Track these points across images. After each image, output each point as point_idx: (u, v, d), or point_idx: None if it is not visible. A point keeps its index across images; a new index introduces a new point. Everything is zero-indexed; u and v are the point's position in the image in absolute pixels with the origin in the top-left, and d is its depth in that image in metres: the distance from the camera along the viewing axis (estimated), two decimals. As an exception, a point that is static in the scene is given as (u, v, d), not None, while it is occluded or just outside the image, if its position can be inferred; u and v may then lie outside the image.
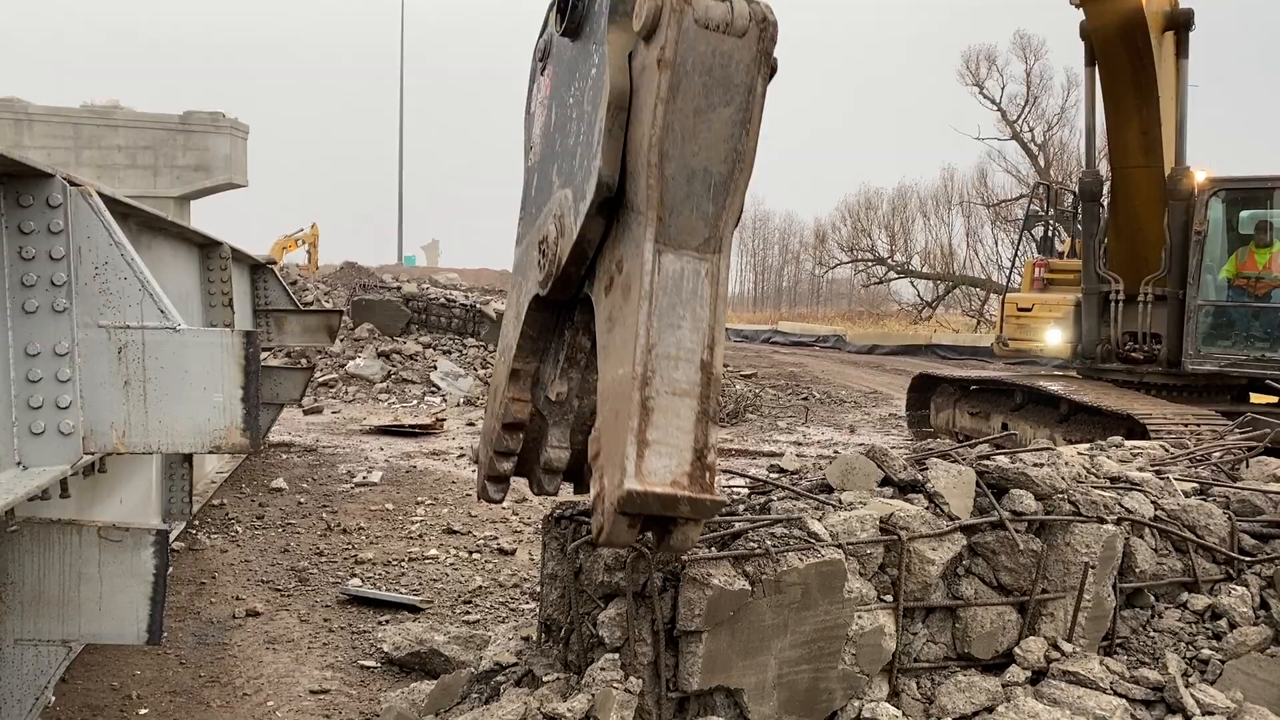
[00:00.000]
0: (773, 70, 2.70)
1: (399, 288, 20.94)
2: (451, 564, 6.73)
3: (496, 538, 7.36)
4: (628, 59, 2.78)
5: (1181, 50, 9.98)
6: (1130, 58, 9.89)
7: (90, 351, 2.85)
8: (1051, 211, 15.41)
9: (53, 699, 3.01)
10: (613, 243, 2.89)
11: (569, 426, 3.36)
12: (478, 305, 19.14)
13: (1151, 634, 3.82)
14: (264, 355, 11.31)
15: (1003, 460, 3.99)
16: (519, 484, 3.63)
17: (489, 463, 3.57)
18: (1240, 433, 5.63)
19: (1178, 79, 9.98)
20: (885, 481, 3.81)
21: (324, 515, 7.98)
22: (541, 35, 3.37)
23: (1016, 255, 16.58)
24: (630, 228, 2.77)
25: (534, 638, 3.61)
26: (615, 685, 3.02)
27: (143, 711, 4.33)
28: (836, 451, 9.98)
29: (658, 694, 3.08)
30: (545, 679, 3.24)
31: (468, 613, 5.76)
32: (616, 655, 3.11)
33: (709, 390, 2.71)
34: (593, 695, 3.03)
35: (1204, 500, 4.20)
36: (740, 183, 2.73)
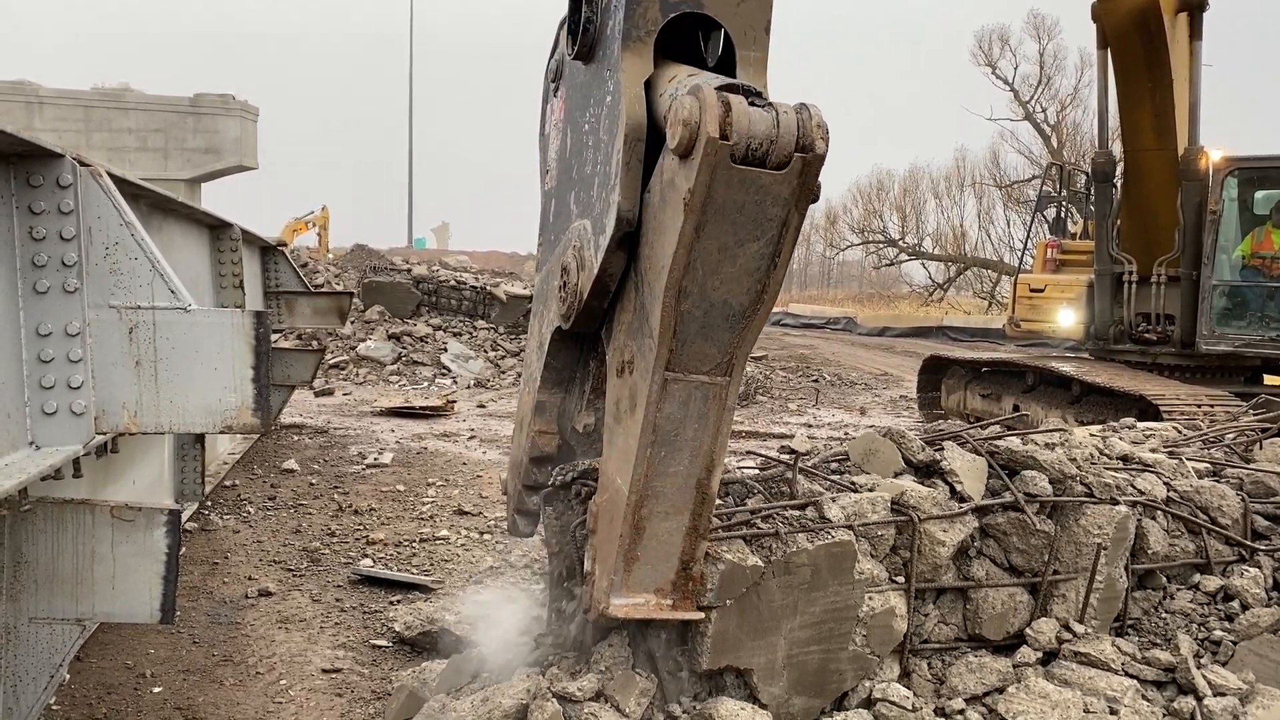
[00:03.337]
0: (814, 197, 2.41)
1: (409, 270, 20.91)
2: (462, 544, 6.75)
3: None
4: (644, 87, 2.58)
5: (1195, 31, 9.87)
6: (1143, 41, 9.79)
7: (101, 332, 2.85)
8: (1064, 192, 15.31)
9: (67, 677, 3.03)
10: (627, 330, 2.72)
11: (598, 455, 3.18)
12: (488, 287, 19.13)
13: (1163, 615, 3.81)
14: (275, 337, 11.32)
15: (1014, 442, 3.98)
16: None
17: (518, 496, 3.51)
18: (1254, 414, 5.59)
19: (1191, 60, 9.88)
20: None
21: (335, 496, 8.01)
22: (553, 55, 3.21)
23: (1029, 236, 16.47)
24: (643, 336, 2.60)
25: (543, 617, 3.61)
26: (639, 674, 3.03)
27: (156, 690, 4.36)
28: (847, 433, 9.95)
29: (664, 675, 3.08)
30: (554, 658, 3.25)
31: (479, 593, 5.78)
32: (624, 634, 3.11)
33: (702, 509, 2.72)
34: (602, 672, 3.04)
35: (1217, 482, 4.18)
36: (763, 313, 2.53)
